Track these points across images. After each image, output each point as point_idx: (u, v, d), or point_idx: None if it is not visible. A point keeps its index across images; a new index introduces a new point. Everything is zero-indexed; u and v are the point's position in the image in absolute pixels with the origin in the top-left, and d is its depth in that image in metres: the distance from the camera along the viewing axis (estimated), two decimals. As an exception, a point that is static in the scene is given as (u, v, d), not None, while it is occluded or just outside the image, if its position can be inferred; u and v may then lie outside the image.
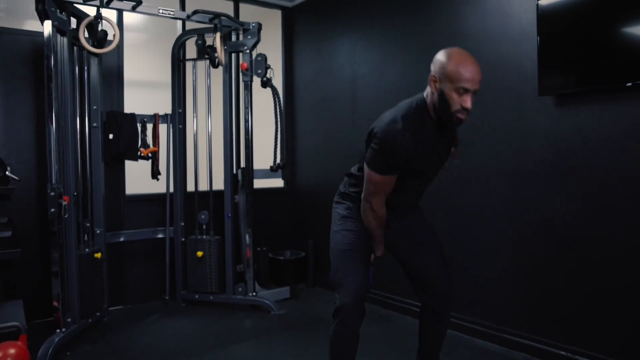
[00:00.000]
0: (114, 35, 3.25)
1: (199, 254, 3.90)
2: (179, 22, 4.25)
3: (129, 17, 4.02)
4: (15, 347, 2.67)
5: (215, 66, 3.74)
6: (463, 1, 3.24)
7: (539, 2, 2.70)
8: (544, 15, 2.69)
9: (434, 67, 1.86)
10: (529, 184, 2.92)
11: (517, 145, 2.97)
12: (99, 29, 3.21)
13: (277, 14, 4.88)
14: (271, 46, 4.84)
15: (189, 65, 4.10)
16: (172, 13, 3.41)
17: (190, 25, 4.06)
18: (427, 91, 1.91)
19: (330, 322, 2.09)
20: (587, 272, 2.65)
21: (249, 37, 3.79)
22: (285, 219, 4.84)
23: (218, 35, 3.56)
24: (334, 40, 4.34)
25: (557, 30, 2.66)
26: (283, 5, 4.82)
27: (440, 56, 1.84)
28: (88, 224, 3.47)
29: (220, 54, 3.58)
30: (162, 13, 3.37)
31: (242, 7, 4.59)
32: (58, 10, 3.05)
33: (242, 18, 4.49)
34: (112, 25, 3.23)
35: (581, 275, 2.68)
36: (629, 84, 2.36)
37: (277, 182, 4.92)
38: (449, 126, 1.92)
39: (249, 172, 3.90)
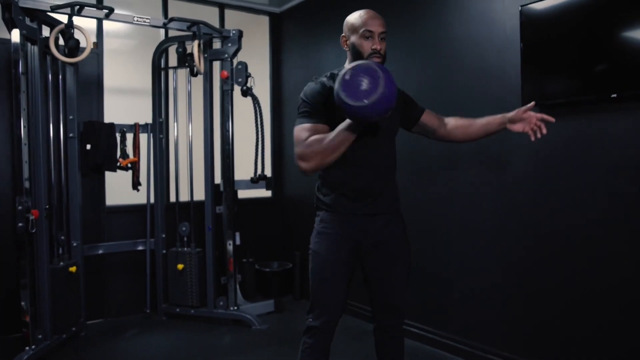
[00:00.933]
0: (87, 44, 3.17)
1: (180, 266, 3.81)
2: (162, 30, 4.18)
3: (109, 25, 3.95)
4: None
5: (195, 75, 3.65)
6: (448, 8, 3.13)
7: (522, 8, 2.58)
8: (527, 22, 2.58)
9: (343, 30, 1.97)
10: (514, 196, 2.79)
11: (500, 157, 2.85)
12: (72, 37, 3.13)
13: (265, 20, 4.79)
14: (258, 53, 4.76)
15: (170, 74, 4.02)
16: (148, 21, 3.32)
17: (173, 33, 3.98)
18: (347, 59, 1.99)
19: (301, 338, 2.01)
20: (578, 287, 2.52)
21: (230, 44, 3.70)
22: (272, 230, 4.74)
23: (196, 43, 3.47)
24: (322, 46, 4.24)
25: (541, 37, 2.54)
26: (270, 11, 4.73)
27: (347, 18, 1.97)
28: (63, 237, 3.39)
29: (198, 62, 3.49)
30: (137, 21, 3.29)
31: (229, 13, 4.51)
32: (28, 19, 2.98)
33: (228, 25, 4.42)
34: (84, 34, 3.15)
35: (571, 291, 2.54)
36: (614, 95, 2.23)
37: (264, 192, 4.81)
38: None
39: (230, 183, 3.80)
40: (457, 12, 3.08)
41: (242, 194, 4.28)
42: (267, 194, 4.80)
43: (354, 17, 1.93)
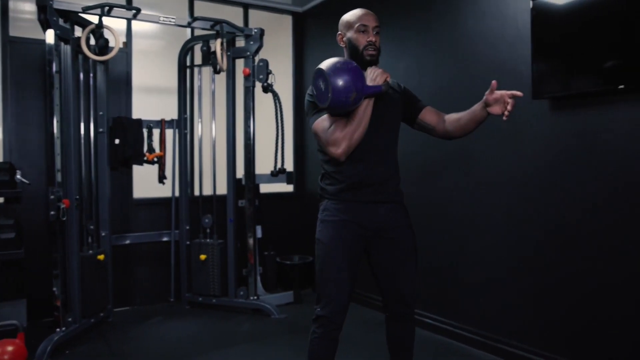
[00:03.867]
0: (115, 43, 3.34)
1: (202, 257, 3.95)
2: (189, 30, 4.34)
3: (138, 26, 4.13)
4: (13, 345, 2.79)
5: (218, 72, 3.78)
6: (462, 4, 3.17)
7: (534, 3, 2.61)
8: (538, 17, 2.60)
9: (338, 29, 2.10)
10: (525, 188, 2.82)
11: (512, 149, 2.88)
12: (102, 36, 3.31)
13: (288, 20, 4.91)
14: (282, 51, 4.87)
15: (195, 71, 4.17)
16: (173, 20, 3.47)
17: (198, 32, 4.13)
18: (344, 55, 2.11)
19: (310, 328, 2.08)
20: (589, 279, 2.53)
21: (252, 42, 3.82)
22: (294, 224, 4.84)
23: (218, 41, 3.60)
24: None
25: (551, 32, 2.56)
26: (293, 10, 4.84)
27: (342, 17, 2.11)
28: (92, 227, 3.57)
29: (220, 60, 3.62)
30: (163, 20, 3.44)
31: (252, 13, 4.65)
32: (61, 20, 3.17)
33: (252, 24, 4.54)
34: (113, 33, 3.32)
35: (582, 283, 2.56)
36: (622, 87, 2.24)
37: (287, 187, 4.92)
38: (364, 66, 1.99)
39: (251, 177, 3.92)
40: (470, 8, 3.11)
41: (265, 188, 4.40)
42: (290, 188, 4.91)
43: (349, 15, 2.07)
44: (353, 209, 2.03)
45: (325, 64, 1.89)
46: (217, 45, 3.60)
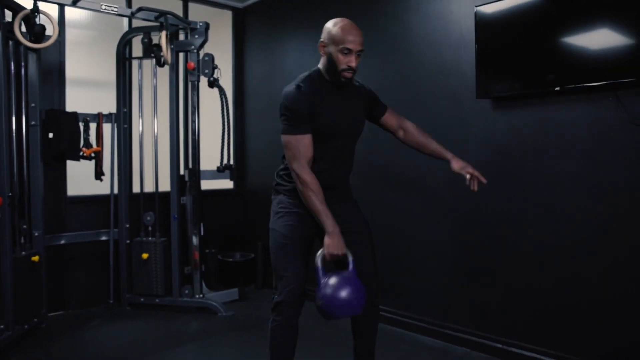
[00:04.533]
0: (53, 30, 3.14)
1: (144, 256, 3.82)
2: (125, 20, 4.17)
3: (71, 13, 3.90)
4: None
5: (162, 65, 3.68)
6: (406, 7, 3.32)
7: (477, 9, 2.80)
8: (481, 22, 2.80)
9: (322, 35, 2.08)
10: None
11: (456, 146, 3.05)
12: (37, 23, 3.10)
13: (228, 15, 4.85)
14: (221, 47, 4.81)
15: (134, 64, 4.02)
16: (116, 10, 3.33)
17: (136, 23, 3.98)
18: (321, 62, 2.13)
19: (269, 317, 2.11)
20: (521, 268, 2.77)
21: (196, 36, 3.75)
22: (234, 221, 4.81)
23: (164, 33, 3.51)
24: (284, 42, 4.36)
25: (493, 36, 2.77)
26: (233, 5, 4.80)
27: (328, 24, 2.07)
28: (25, 226, 3.34)
29: (165, 53, 3.53)
30: (105, 9, 3.29)
31: (192, 6, 4.55)
32: (-10, 3, 2.94)
33: (191, 18, 4.44)
34: (50, 20, 3.13)
35: (516, 271, 2.79)
36: (557, 89, 2.49)
37: (227, 184, 4.88)
38: (338, 85, 2.09)
39: (196, 173, 3.85)
40: (415, 11, 3.27)
41: (205, 185, 4.32)
42: (230, 185, 4.87)
43: (335, 29, 2.02)
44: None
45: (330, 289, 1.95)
46: (162, 38, 3.50)
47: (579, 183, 2.53)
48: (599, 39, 2.38)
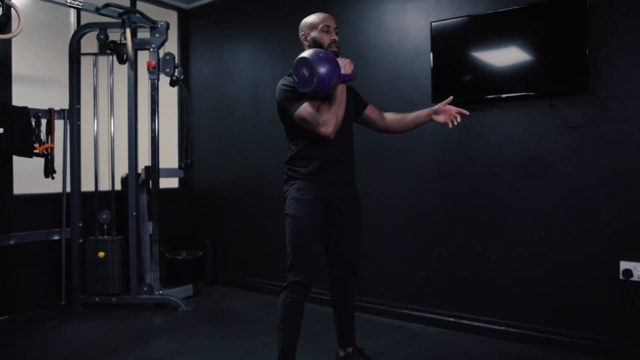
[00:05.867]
0: (19, 21, 3.04)
1: (101, 254, 3.76)
2: (73, 15, 4.08)
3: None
4: None
5: (124, 62, 3.67)
6: (363, 17, 3.67)
7: (433, 23, 3.23)
8: (436, 35, 3.23)
9: (300, 30, 2.42)
10: (425, 177, 3.42)
11: (414, 146, 3.46)
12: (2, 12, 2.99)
13: (173, 15, 4.89)
14: (166, 47, 4.81)
15: (87, 61, 3.94)
16: (81, 4, 3.30)
17: (86, 19, 3.91)
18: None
19: (281, 294, 2.34)
20: (470, 249, 3.23)
21: (157, 35, 3.79)
22: (179, 220, 4.84)
23: (128, 31, 3.52)
24: (235, 45, 4.51)
25: (446, 48, 3.21)
26: (179, 6, 4.85)
27: (303, 21, 2.42)
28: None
29: (130, 50, 3.54)
30: (71, 3, 3.24)
31: (139, 5, 4.53)
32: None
33: (138, 16, 4.43)
34: (16, 10, 3.02)
35: (465, 252, 3.24)
36: (505, 96, 2.98)
37: (172, 183, 4.90)
38: None
39: (155, 171, 3.88)
40: (372, 22, 3.63)
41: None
42: (175, 184, 4.89)
43: (312, 18, 2.38)
44: (322, 189, 2.35)
45: (307, 54, 2.16)
46: (127, 36, 3.51)
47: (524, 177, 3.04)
48: (510, 56, 2.98)
